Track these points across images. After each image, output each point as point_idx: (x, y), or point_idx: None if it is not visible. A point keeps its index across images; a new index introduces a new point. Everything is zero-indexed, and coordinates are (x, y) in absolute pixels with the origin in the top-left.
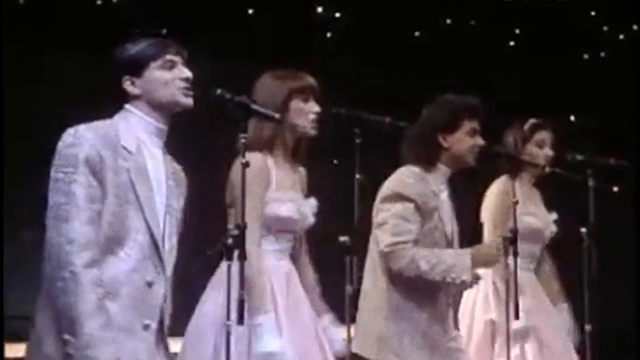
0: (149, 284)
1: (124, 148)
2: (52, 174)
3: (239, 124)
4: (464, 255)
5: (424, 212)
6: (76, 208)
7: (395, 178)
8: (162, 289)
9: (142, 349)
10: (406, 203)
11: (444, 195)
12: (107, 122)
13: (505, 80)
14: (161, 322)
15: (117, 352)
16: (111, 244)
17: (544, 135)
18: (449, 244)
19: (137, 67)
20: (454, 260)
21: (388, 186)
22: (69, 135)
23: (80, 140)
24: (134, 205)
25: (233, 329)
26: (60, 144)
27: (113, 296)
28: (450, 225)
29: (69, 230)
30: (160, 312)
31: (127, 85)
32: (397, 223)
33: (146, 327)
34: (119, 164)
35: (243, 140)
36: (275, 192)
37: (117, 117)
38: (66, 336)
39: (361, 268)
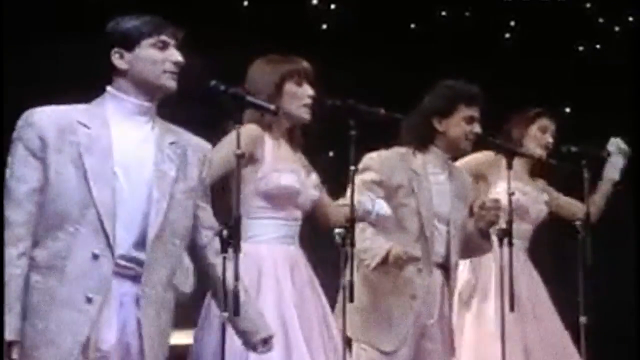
0: (95, 257)
1: (80, 123)
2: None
3: (234, 116)
4: (382, 247)
5: (385, 186)
6: (6, 190)
7: (372, 152)
8: (110, 262)
9: (82, 322)
10: (368, 173)
11: (438, 178)
12: (77, 105)
13: (501, 73)
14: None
15: (12, 333)
16: (58, 220)
17: (548, 122)
18: (425, 224)
19: (129, 42)
20: (371, 244)
21: (362, 160)
22: (20, 119)
23: (25, 123)
24: (81, 179)
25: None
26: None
27: (56, 271)
28: (442, 209)
29: (10, 216)
30: (110, 285)
31: (116, 58)
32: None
33: (89, 300)
34: (66, 140)
35: (238, 132)
36: (274, 165)
37: (94, 101)
38: None
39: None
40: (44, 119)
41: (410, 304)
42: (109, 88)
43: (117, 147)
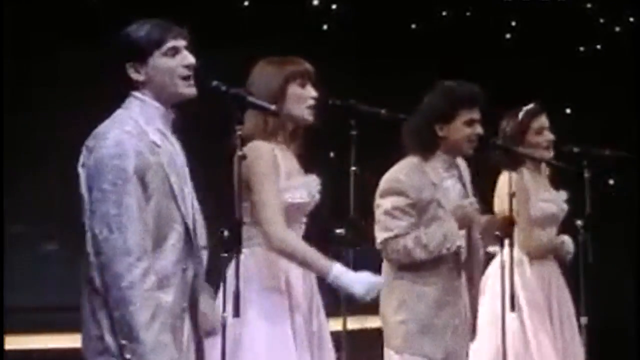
0: (184, 270)
1: (154, 143)
2: (97, 184)
3: (235, 117)
4: (448, 222)
5: (418, 205)
6: (130, 219)
7: (392, 171)
8: (191, 272)
9: (179, 329)
10: (398, 197)
11: (450, 182)
12: (127, 119)
13: (501, 73)
14: (195, 302)
15: (173, 354)
16: (159, 240)
17: (541, 121)
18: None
19: (140, 54)
20: (443, 230)
21: (385, 179)
22: (112, 147)
23: (126, 150)
24: (170, 197)
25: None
26: (103, 152)
27: (166, 287)
28: None
29: (125, 241)
30: (191, 293)
31: (132, 72)
32: (387, 219)
33: (184, 309)
34: (156, 160)
35: (239, 133)
36: (287, 181)
37: (131, 110)
38: (123, 341)
39: (357, 260)
40: (139, 143)
41: (449, 309)
42: (135, 93)
43: (177, 162)
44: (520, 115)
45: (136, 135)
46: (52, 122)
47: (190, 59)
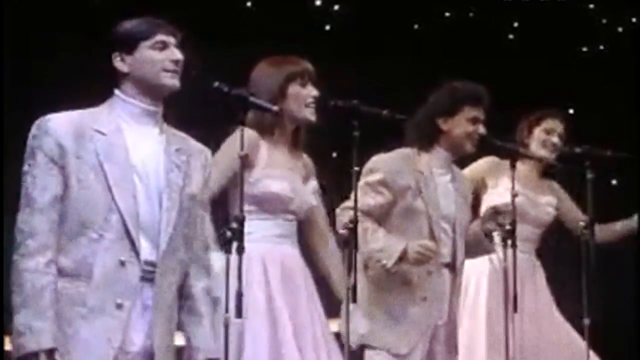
0: (122, 263)
1: (97, 131)
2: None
3: (237, 117)
4: (397, 245)
5: (392, 188)
6: (27, 198)
7: (377, 155)
8: (136, 268)
9: (114, 327)
10: (372, 174)
11: (443, 178)
12: (88, 110)
13: (504, 74)
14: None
15: (46, 340)
16: (80, 227)
17: (554, 124)
18: (433, 225)
19: (128, 45)
20: (385, 243)
21: (367, 163)
22: (34, 127)
23: (41, 131)
24: (103, 185)
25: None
26: (29, 134)
27: (83, 277)
28: (447, 210)
29: (19, 221)
30: (136, 291)
31: (117, 61)
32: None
33: (119, 306)
34: (85, 147)
35: (241, 133)
36: (266, 169)
37: (103, 105)
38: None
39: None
40: (61, 126)
41: (422, 305)
42: (116, 91)
43: (132, 154)
44: (537, 113)
45: (69, 119)
46: None
47: (178, 55)
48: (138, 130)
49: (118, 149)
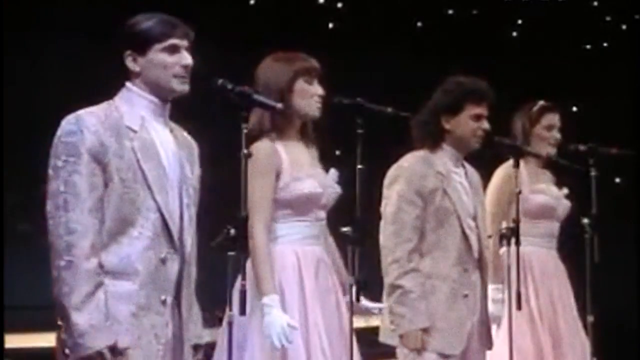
0: (163, 261)
1: (128, 128)
2: (52, 161)
3: (241, 114)
4: (416, 326)
5: (423, 193)
6: (76, 197)
7: (397, 163)
8: (176, 265)
9: (160, 324)
10: (400, 184)
11: (458, 176)
12: (108, 104)
13: (508, 71)
14: (178, 297)
15: (109, 337)
16: (122, 226)
17: (552, 119)
18: (463, 223)
19: (140, 46)
20: (410, 312)
21: (390, 171)
22: (70, 124)
23: (82, 128)
24: (142, 184)
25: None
26: (59, 132)
27: (129, 275)
28: (469, 206)
29: (68, 220)
30: (176, 287)
31: (129, 61)
32: (394, 215)
33: (163, 302)
34: (124, 145)
35: (245, 131)
36: (292, 173)
37: (118, 97)
38: (60, 322)
39: (363, 258)
40: (100, 124)
41: (464, 303)
42: (130, 85)
43: (160, 150)
44: (534, 108)
45: (102, 116)
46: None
47: (188, 60)
48: (156, 125)
49: (150, 146)
